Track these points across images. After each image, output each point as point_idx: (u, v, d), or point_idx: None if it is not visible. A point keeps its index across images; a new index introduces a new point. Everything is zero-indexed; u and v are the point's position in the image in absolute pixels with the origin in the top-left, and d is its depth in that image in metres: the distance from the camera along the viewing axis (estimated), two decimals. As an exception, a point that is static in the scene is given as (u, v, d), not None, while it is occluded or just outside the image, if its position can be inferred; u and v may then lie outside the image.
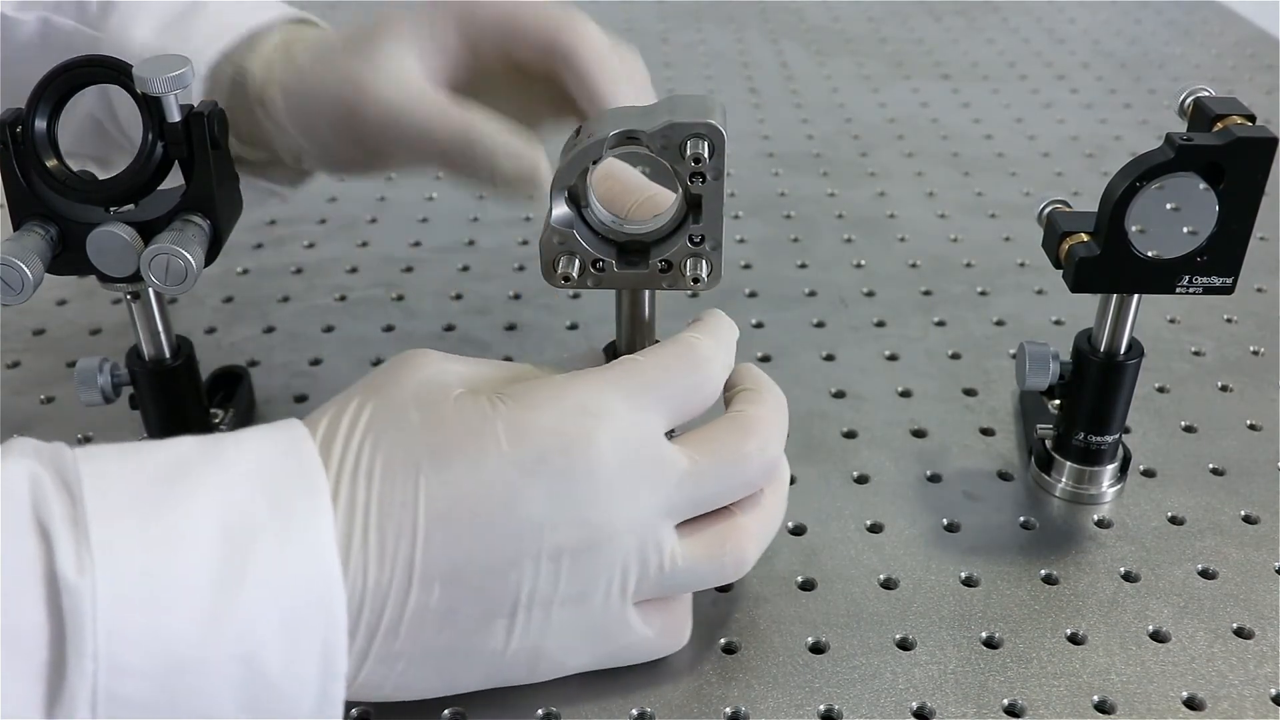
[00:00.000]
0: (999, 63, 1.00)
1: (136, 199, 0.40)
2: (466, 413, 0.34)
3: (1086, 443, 0.46)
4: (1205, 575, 0.44)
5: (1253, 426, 0.52)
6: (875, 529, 0.46)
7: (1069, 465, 0.47)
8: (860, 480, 0.49)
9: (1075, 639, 0.41)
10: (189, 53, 0.45)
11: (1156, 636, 0.41)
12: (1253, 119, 0.40)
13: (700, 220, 0.37)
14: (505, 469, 0.33)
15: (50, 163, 0.39)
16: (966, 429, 0.52)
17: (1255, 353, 0.58)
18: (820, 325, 0.60)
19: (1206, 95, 0.41)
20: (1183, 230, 0.40)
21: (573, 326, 0.60)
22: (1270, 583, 0.43)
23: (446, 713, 0.37)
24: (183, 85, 0.38)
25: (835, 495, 0.48)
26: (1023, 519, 0.46)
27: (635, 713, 0.37)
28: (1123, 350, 0.44)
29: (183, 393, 0.45)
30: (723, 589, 0.42)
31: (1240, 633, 0.41)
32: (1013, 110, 0.89)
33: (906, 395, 0.54)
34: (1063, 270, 0.42)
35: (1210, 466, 0.50)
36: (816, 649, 0.40)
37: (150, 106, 0.39)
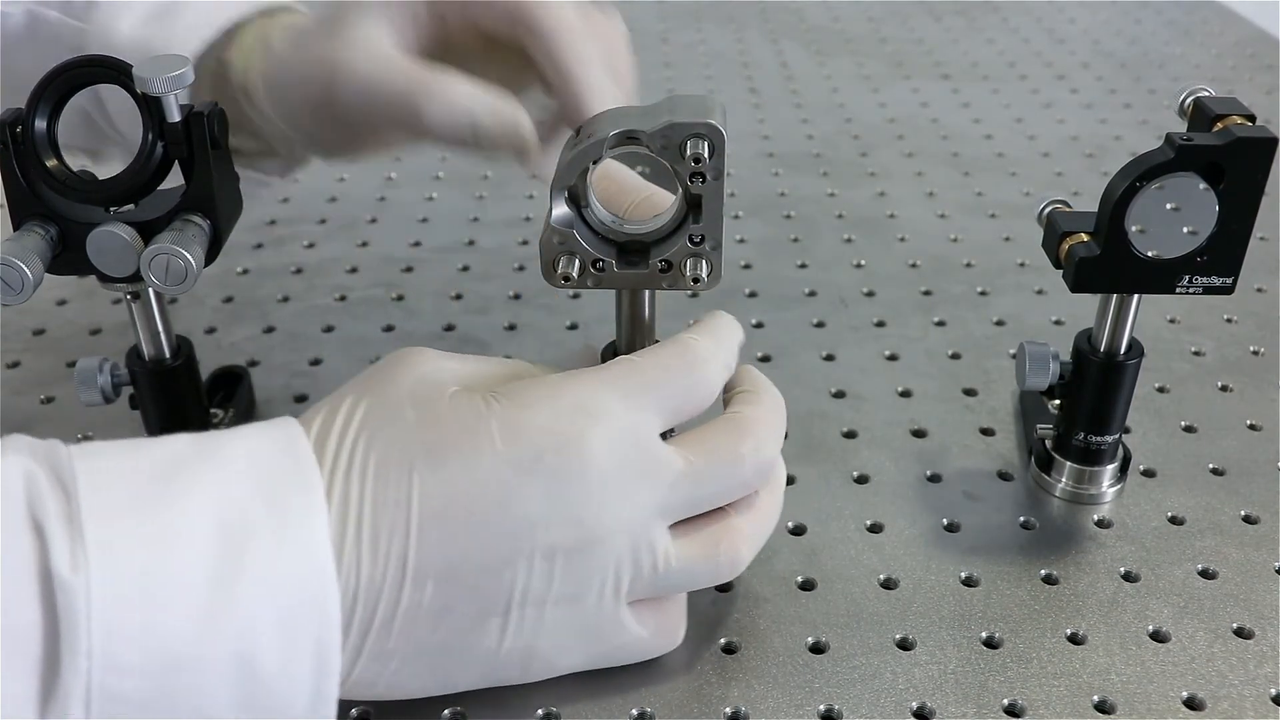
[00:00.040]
0: (999, 63, 1.00)
1: (136, 199, 0.40)
2: (461, 411, 0.34)
3: (1086, 443, 0.46)
4: (1205, 575, 0.44)
5: (1253, 426, 0.52)
6: (875, 529, 0.46)
7: (1069, 465, 0.47)
8: (860, 480, 0.49)
9: (1075, 639, 0.41)
10: (172, 45, 0.45)
11: (1156, 636, 0.41)
12: (1253, 119, 0.40)
13: (700, 220, 0.37)
14: (500, 467, 0.33)
15: (50, 163, 0.39)
16: (966, 429, 0.52)
17: (1255, 353, 0.58)
18: (820, 325, 0.60)
19: (1206, 95, 0.41)
20: (1183, 230, 0.40)
21: (573, 326, 0.60)
22: (1270, 583, 0.43)
23: (446, 713, 0.37)
24: (183, 85, 0.38)
25: (835, 495, 0.48)
26: (1023, 519, 0.46)
27: (635, 713, 0.37)
28: (1123, 350, 0.44)
29: (183, 393, 0.45)
30: (722, 589, 0.42)
31: (1240, 633, 0.41)
32: (1013, 110, 0.89)
33: (906, 395, 0.54)
34: (1063, 270, 0.42)
35: (1210, 466, 0.50)
36: (816, 649, 0.40)
37: (150, 106, 0.39)
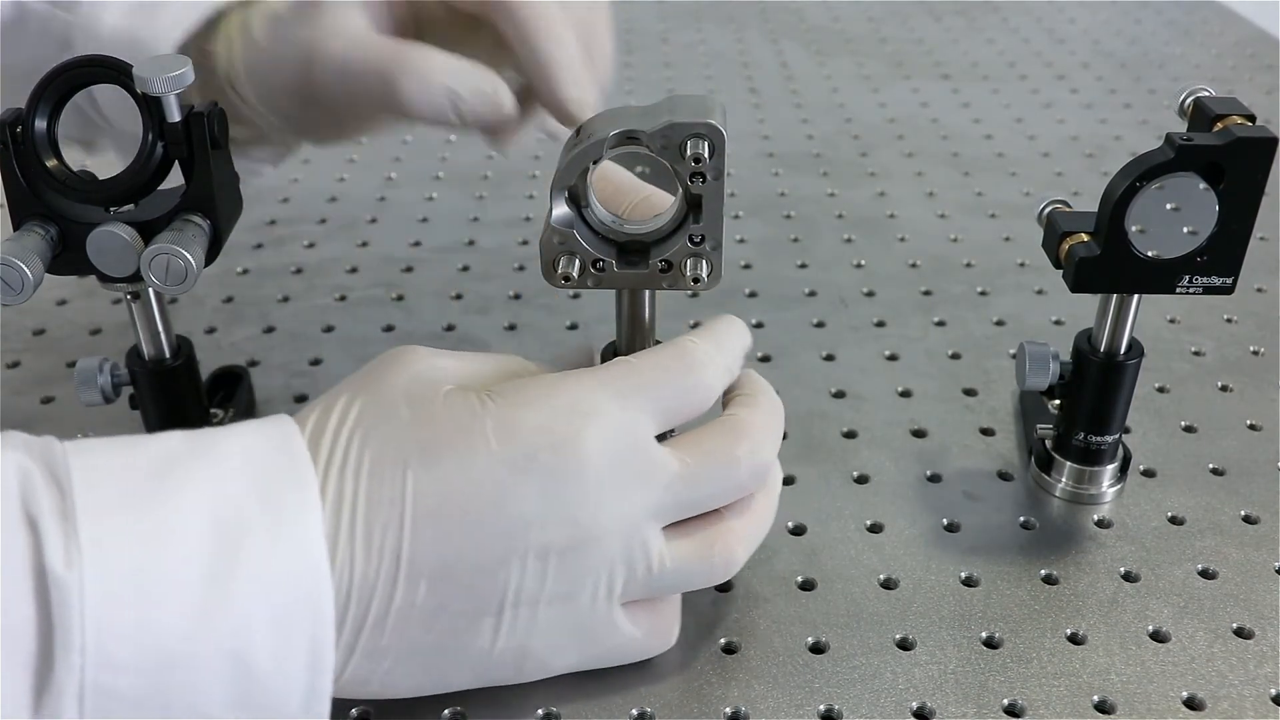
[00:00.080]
0: (999, 63, 1.00)
1: (136, 199, 0.40)
2: (456, 409, 0.34)
3: (1086, 443, 0.46)
4: (1205, 575, 0.44)
5: (1253, 426, 0.52)
6: (875, 529, 0.46)
7: (1069, 465, 0.47)
8: (860, 480, 0.49)
9: (1075, 639, 0.41)
10: (157, 35, 0.45)
11: (1156, 636, 0.41)
12: (1253, 119, 0.40)
13: (700, 220, 0.37)
14: (494, 467, 0.33)
15: (50, 163, 0.39)
16: (966, 429, 0.52)
17: (1255, 353, 0.58)
18: (820, 325, 0.60)
19: (1206, 95, 0.41)
20: (1183, 230, 0.40)
21: (573, 326, 0.60)
22: (1270, 583, 0.43)
23: (446, 713, 0.37)
24: (183, 85, 0.38)
25: (835, 495, 0.48)
26: (1023, 519, 0.46)
27: (635, 713, 0.37)
28: (1123, 350, 0.44)
29: (183, 393, 0.45)
30: (721, 589, 0.42)
31: (1240, 633, 0.41)
32: (1013, 110, 0.89)
33: (906, 395, 0.54)
34: (1063, 270, 0.42)
35: (1210, 466, 0.50)
36: (816, 649, 0.40)
37: (150, 106, 0.38)
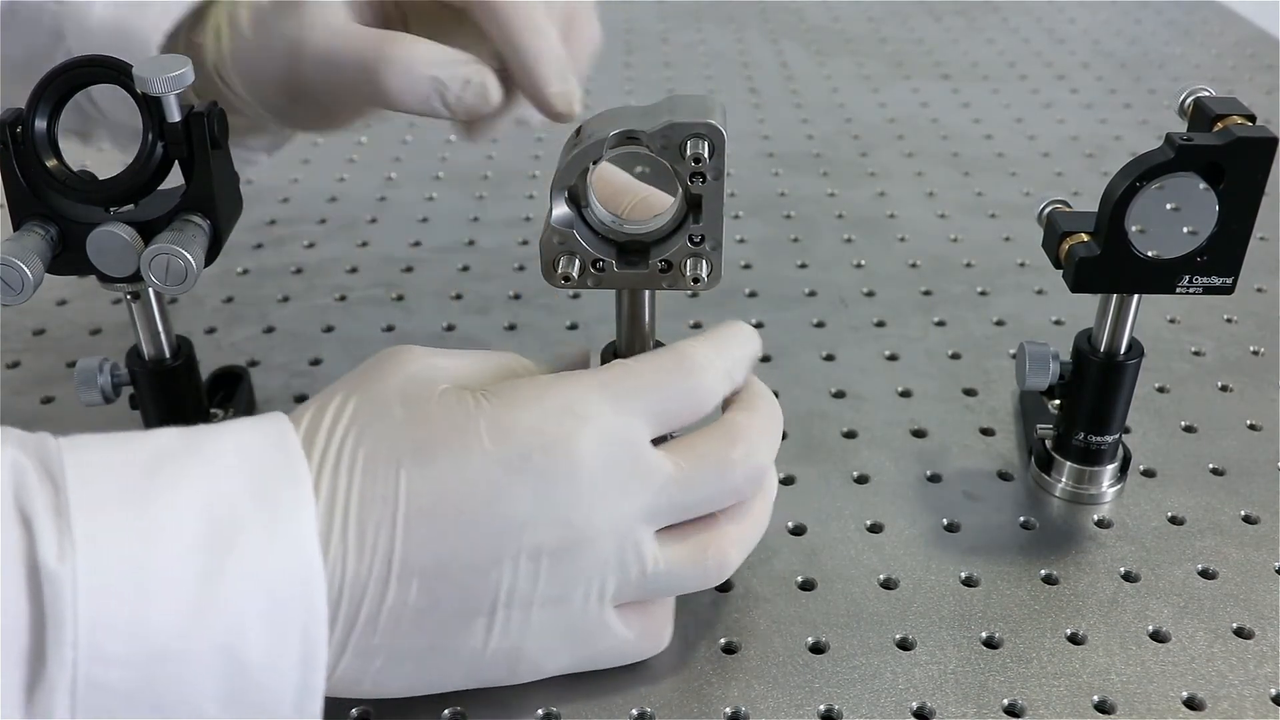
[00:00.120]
0: (999, 63, 1.00)
1: (136, 199, 0.40)
2: (451, 409, 0.34)
3: (1086, 443, 0.46)
4: (1205, 575, 0.44)
5: (1253, 426, 0.52)
6: (875, 529, 0.46)
7: (1069, 465, 0.47)
8: (860, 480, 0.49)
9: (1075, 639, 0.41)
10: (144, 27, 0.45)
11: (1156, 636, 0.41)
12: (1253, 119, 0.40)
13: (700, 220, 0.37)
14: (488, 466, 0.33)
15: (50, 163, 0.39)
16: (966, 429, 0.52)
17: (1255, 353, 0.58)
18: (820, 325, 0.60)
19: (1206, 95, 0.41)
20: (1183, 230, 0.40)
21: (573, 326, 0.60)
22: (1270, 583, 0.43)
23: (446, 713, 0.37)
24: (183, 85, 0.38)
25: (835, 495, 0.48)
26: (1023, 519, 0.46)
27: (635, 713, 0.37)
28: (1123, 350, 0.44)
29: (183, 393, 0.45)
30: (721, 589, 0.42)
31: (1240, 633, 0.41)
32: (1013, 110, 0.89)
33: (906, 395, 0.54)
34: (1063, 270, 0.42)
35: (1210, 466, 0.50)
36: (816, 649, 0.40)
37: (150, 106, 0.38)
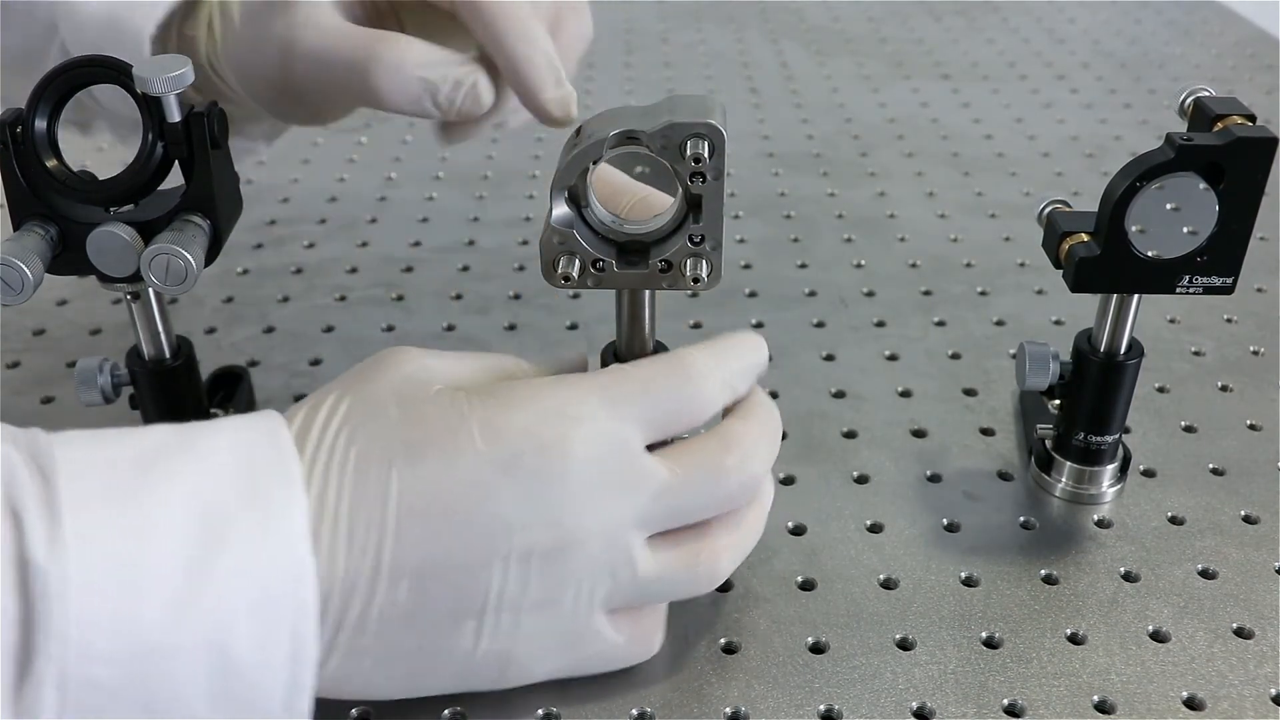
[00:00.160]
0: (999, 63, 1.00)
1: (136, 199, 0.40)
2: (444, 409, 0.34)
3: (1086, 443, 0.46)
4: (1205, 575, 0.44)
5: (1253, 426, 0.52)
6: (875, 529, 0.46)
7: (1069, 465, 0.47)
8: (860, 480, 0.49)
9: (1075, 639, 0.41)
10: (135, 19, 0.45)
11: (1156, 636, 0.41)
12: (1253, 119, 0.40)
13: (700, 220, 0.37)
14: (479, 467, 0.33)
15: (50, 163, 0.39)
16: (966, 429, 0.52)
17: (1255, 353, 0.58)
18: (820, 325, 0.60)
19: (1206, 95, 0.41)
20: (1183, 230, 0.40)
21: (573, 326, 0.60)
22: (1270, 583, 0.43)
23: (446, 713, 0.37)
24: (183, 85, 0.38)
25: (835, 495, 0.48)
26: (1023, 519, 0.46)
27: (635, 713, 0.37)
28: (1123, 350, 0.44)
29: (183, 393, 0.45)
30: (721, 588, 0.42)
31: (1240, 633, 0.41)
32: (1013, 110, 0.89)
33: (906, 395, 0.54)
34: (1063, 270, 0.42)
35: (1210, 466, 0.50)
36: (816, 649, 0.40)
37: (150, 106, 0.38)
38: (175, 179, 0.40)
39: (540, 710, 0.37)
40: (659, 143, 0.35)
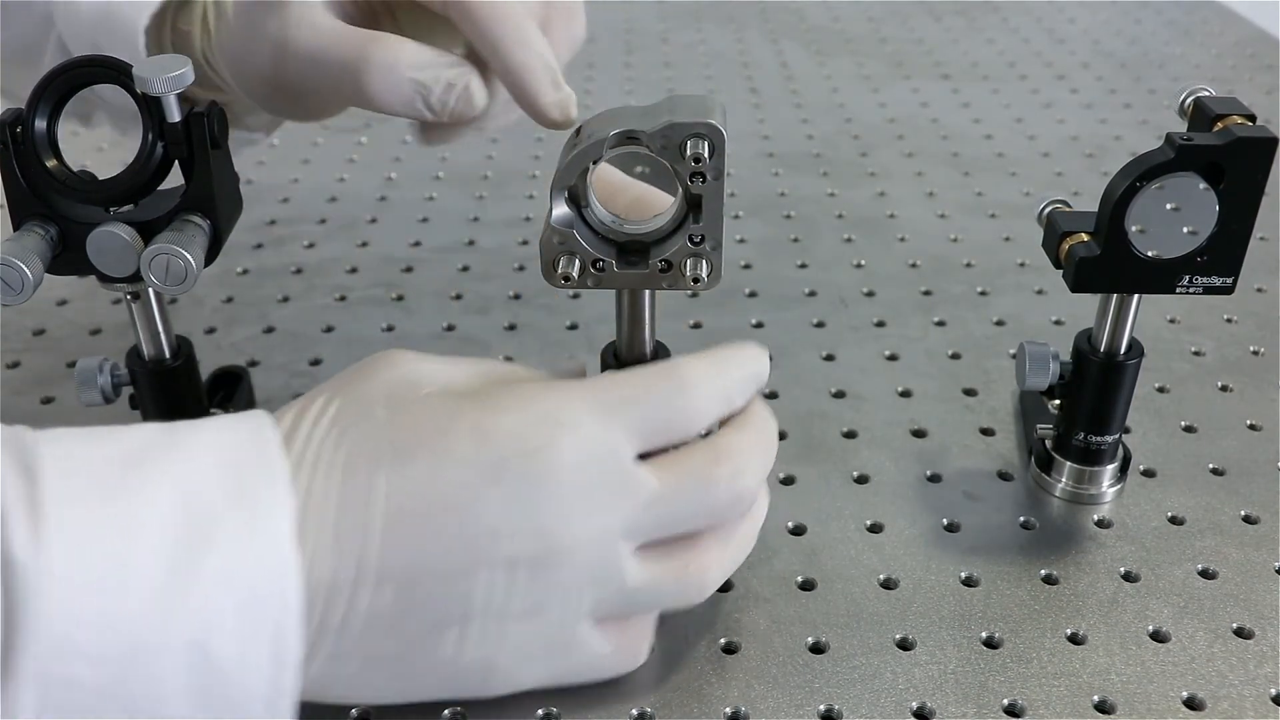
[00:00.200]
0: (999, 63, 1.00)
1: (136, 199, 0.40)
2: (433, 412, 0.33)
3: (1086, 443, 0.46)
4: (1205, 575, 0.44)
5: (1253, 426, 0.52)
6: (875, 529, 0.46)
7: (1069, 465, 0.47)
8: (860, 480, 0.49)
9: (1075, 639, 0.41)
10: (129, 12, 0.45)
11: (1156, 636, 0.41)
12: (1253, 119, 0.40)
13: (700, 220, 0.37)
14: (466, 471, 0.32)
15: (50, 163, 0.39)
16: (966, 429, 0.52)
17: (1255, 353, 0.58)
18: (820, 325, 0.60)
19: (1206, 95, 0.41)
20: (1183, 230, 0.40)
21: (573, 326, 0.60)
22: (1270, 583, 0.43)
23: (446, 713, 0.37)
24: (183, 85, 0.38)
25: (835, 495, 0.48)
26: (1023, 519, 0.46)
27: (635, 713, 0.37)
28: (1123, 350, 0.44)
29: (183, 393, 0.45)
30: (722, 588, 0.42)
31: (1240, 633, 0.41)
32: (1013, 110, 0.89)
33: (906, 395, 0.54)
34: (1063, 270, 0.42)
35: (1210, 466, 0.50)
36: (816, 649, 0.40)
37: (150, 106, 0.38)
38: (175, 179, 0.41)
39: (540, 711, 0.37)
40: (659, 143, 0.35)
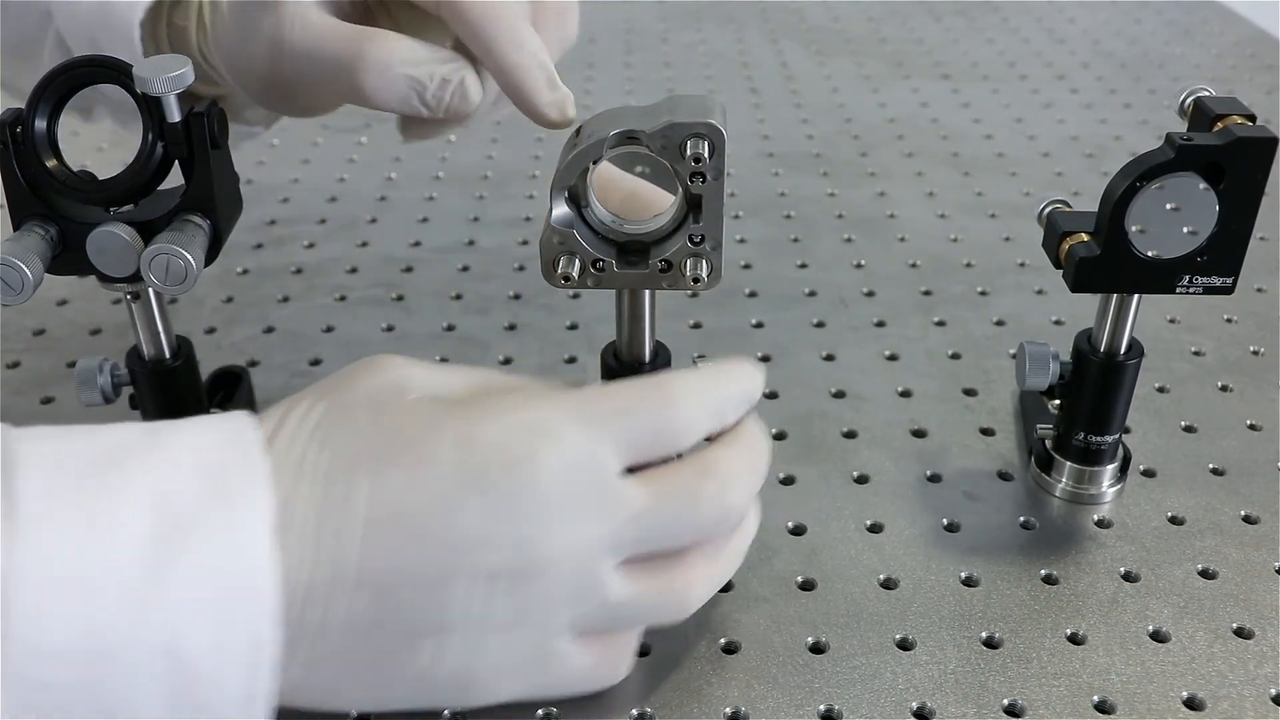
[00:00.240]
0: (999, 63, 1.00)
1: (136, 199, 0.40)
2: (417, 418, 0.33)
3: (1086, 443, 0.46)
4: (1205, 575, 0.44)
5: (1253, 426, 0.52)
6: (875, 529, 0.46)
7: (1069, 465, 0.47)
8: (860, 480, 0.49)
9: (1075, 639, 0.41)
10: (124, 7, 0.45)
11: (1156, 636, 0.41)
12: (1253, 119, 0.40)
13: (700, 220, 0.37)
14: (447, 479, 0.32)
15: (50, 163, 0.39)
16: (966, 429, 0.52)
17: (1255, 353, 0.58)
18: (820, 325, 0.60)
19: (1206, 95, 0.41)
20: (1183, 230, 0.40)
21: (573, 326, 0.60)
22: (1270, 583, 0.43)
23: (446, 713, 0.37)
24: (182, 85, 0.38)
25: (835, 495, 0.48)
26: (1023, 519, 0.46)
27: (635, 713, 0.37)
28: (1123, 350, 0.44)
29: (183, 393, 0.45)
30: (722, 589, 0.42)
31: (1240, 633, 0.41)
32: (1013, 110, 0.89)
33: (906, 395, 0.54)
34: (1063, 270, 0.42)
35: (1210, 466, 0.50)
36: (816, 649, 0.40)
37: (150, 106, 0.39)
38: (175, 179, 0.41)
39: (540, 711, 0.37)
40: (659, 143, 0.35)
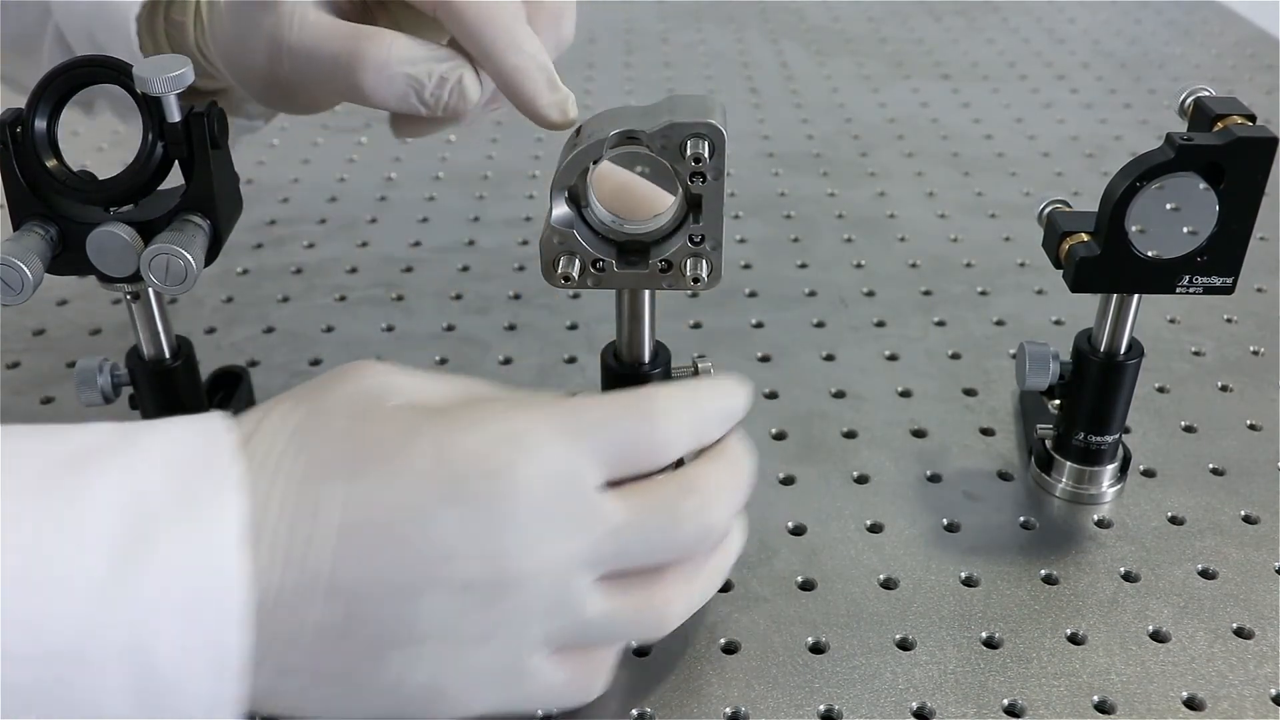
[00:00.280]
0: (999, 63, 1.00)
1: (136, 199, 0.40)
2: (395, 426, 0.33)
3: (1086, 443, 0.46)
4: (1205, 575, 0.44)
5: (1253, 426, 0.52)
6: (875, 529, 0.46)
7: (1069, 465, 0.47)
8: (860, 480, 0.49)
9: (1075, 639, 0.41)
10: (121, 6, 0.45)
11: (1156, 636, 0.41)
12: (1253, 119, 0.40)
13: (700, 220, 0.37)
14: (421, 489, 0.31)
15: (50, 163, 0.39)
16: (966, 429, 0.52)
17: (1255, 353, 0.58)
18: (820, 325, 0.60)
19: (1206, 95, 0.41)
20: (1183, 230, 0.40)
21: (573, 326, 0.60)
22: (1270, 583, 0.43)
23: (446, 713, 0.37)
24: (182, 85, 0.38)
25: (835, 495, 0.48)
26: (1023, 519, 0.46)
27: (635, 713, 0.37)
28: (1123, 350, 0.44)
29: (182, 393, 0.45)
30: (722, 589, 0.42)
31: (1240, 633, 0.41)
32: (1013, 110, 0.89)
33: (906, 395, 0.54)
34: (1063, 270, 0.42)
35: (1210, 466, 0.50)
36: (816, 649, 0.40)
37: (150, 106, 0.38)
38: (175, 179, 0.41)
39: (539, 711, 0.37)
40: (659, 143, 0.35)
